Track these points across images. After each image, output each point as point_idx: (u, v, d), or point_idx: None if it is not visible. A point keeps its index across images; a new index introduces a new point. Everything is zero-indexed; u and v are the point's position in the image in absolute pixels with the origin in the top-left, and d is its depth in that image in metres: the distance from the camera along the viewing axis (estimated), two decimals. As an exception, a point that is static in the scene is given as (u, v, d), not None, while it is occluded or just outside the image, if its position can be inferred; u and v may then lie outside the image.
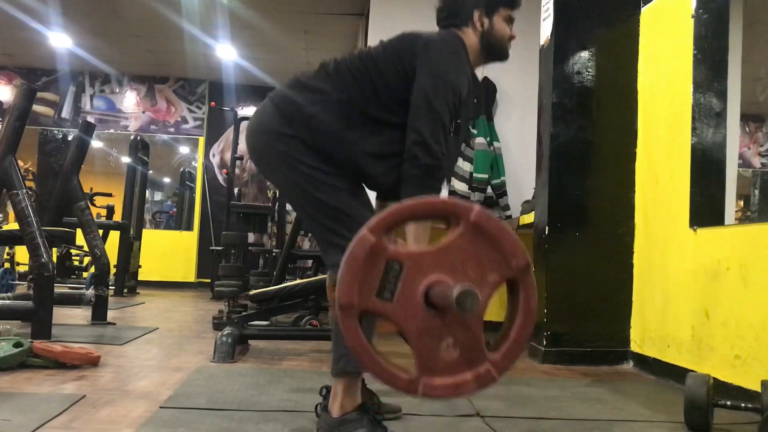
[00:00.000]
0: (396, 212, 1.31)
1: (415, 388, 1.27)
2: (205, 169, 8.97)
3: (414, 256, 1.28)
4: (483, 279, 1.28)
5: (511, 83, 5.01)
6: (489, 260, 1.28)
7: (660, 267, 3.16)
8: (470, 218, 1.27)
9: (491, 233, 1.28)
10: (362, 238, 1.25)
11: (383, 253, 1.25)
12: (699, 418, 2.02)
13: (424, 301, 1.26)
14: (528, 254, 1.30)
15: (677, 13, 3.14)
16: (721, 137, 2.97)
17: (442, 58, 1.80)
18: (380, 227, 1.27)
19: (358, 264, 1.24)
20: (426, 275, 1.26)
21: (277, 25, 6.74)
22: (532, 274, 1.30)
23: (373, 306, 1.25)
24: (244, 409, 2.10)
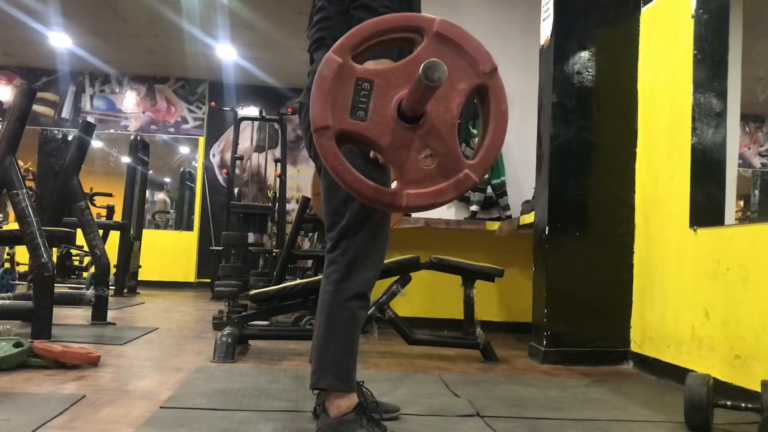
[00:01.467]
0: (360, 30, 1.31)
1: (400, 200, 1.29)
2: (205, 169, 8.97)
3: (383, 73, 1.28)
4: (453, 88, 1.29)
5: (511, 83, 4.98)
6: (456, 69, 1.29)
7: (660, 267, 3.16)
8: (433, 29, 1.28)
9: (455, 41, 1.28)
10: (328, 59, 1.25)
11: (352, 72, 1.26)
12: (699, 418, 2.02)
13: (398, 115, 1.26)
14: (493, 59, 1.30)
15: (677, 13, 3.14)
16: (721, 137, 2.97)
17: None
18: (345, 47, 1.27)
19: (327, 84, 1.24)
20: (396, 90, 1.27)
21: (277, 25, 6.74)
22: (499, 77, 1.31)
23: (348, 125, 1.26)
24: (244, 409, 2.10)
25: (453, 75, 1.28)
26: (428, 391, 2.52)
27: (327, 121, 1.24)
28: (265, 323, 3.79)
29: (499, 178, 4.90)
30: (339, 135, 1.25)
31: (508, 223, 4.35)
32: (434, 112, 1.30)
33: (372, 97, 1.26)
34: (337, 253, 1.75)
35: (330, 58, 1.24)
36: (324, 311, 1.77)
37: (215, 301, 6.43)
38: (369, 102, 1.26)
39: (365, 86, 1.26)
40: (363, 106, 1.26)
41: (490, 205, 4.89)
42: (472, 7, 5.01)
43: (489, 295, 4.58)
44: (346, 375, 1.76)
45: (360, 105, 1.26)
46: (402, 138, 1.27)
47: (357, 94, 1.26)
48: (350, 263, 1.73)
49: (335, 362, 1.75)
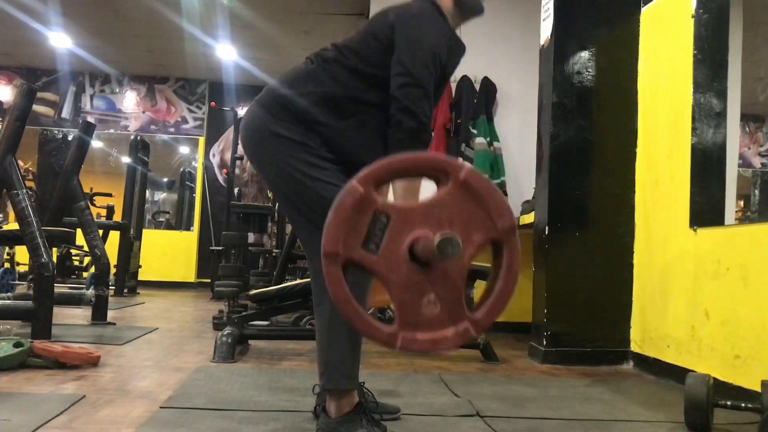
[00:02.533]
0: (386, 165, 1.31)
1: (394, 342, 1.28)
2: (205, 169, 8.97)
3: (401, 210, 1.29)
4: (468, 238, 1.28)
5: (511, 83, 5.01)
6: (475, 219, 1.29)
7: (660, 267, 3.16)
8: (460, 176, 1.28)
9: (479, 192, 1.28)
10: (351, 188, 1.25)
11: (371, 204, 1.26)
12: (699, 418, 2.02)
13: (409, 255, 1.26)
14: (513, 216, 1.30)
15: (677, 13, 3.14)
16: (721, 137, 2.97)
17: (416, 24, 1.80)
18: (369, 179, 1.27)
19: (345, 213, 1.24)
20: (412, 229, 1.27)
21: (277, 25, 6.74)
22: (516, 235, 1.31)
23: (358, 256, 1.26)
24: (244, 409, 2.10)
25: (471, 225, 1.28)
26: (428, 391, 2.52)
27: (338, 248, 1.24)
28: (265, 323, 3.79)
29: (499, 178, 4.90)
30: (346, 263, 1.26)
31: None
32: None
33: (387, 231, 1.26)
34: None
35: (353, 188, 1.24)
36: (323, 313, 1.77)
37: (215, 301, 6.43)
38: (383, 236, 1.26)
39: (382, 219, 1.26)
40: (376, 239, 1.26)
41: (490, 205, 4.89)
42: (472, 7, 5.01)
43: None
44: (350, 373, 1.77)
45: (374, 237, 1.26)
46: (409, 279, 1.27)
47: (373, 225, 1.26)
48: None
49: (342, 360, 1.75)
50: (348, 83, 1.79)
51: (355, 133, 1.78)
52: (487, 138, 4.88)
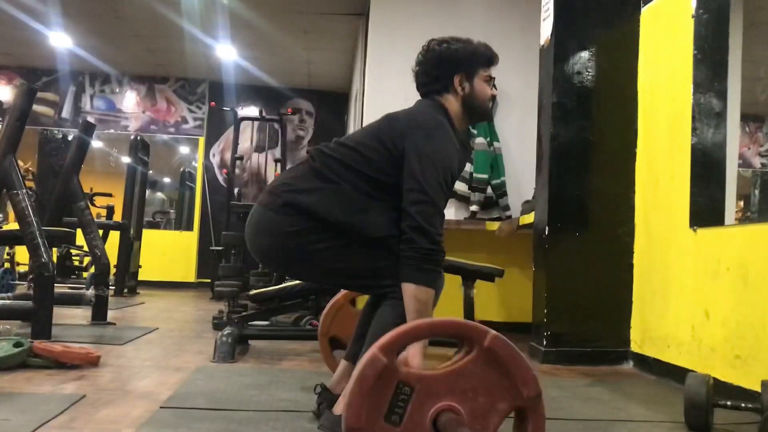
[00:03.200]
0: (409, 332, 1.30)
1: None
2: (205, 169, 8.97)
3: (425, 380, 1.26)
4: (492, 406, 1.26)
5: (511, 83, 5.00)
6: (500, 387, 1.27)
7: (660, 267, 3.16)
8: (484, 344, 1.26)
9: (504, 360, 1.26)
10: (373, 358, 1.23)
11: (394, 374, 1.23)
12: (699, 418, 2.02)
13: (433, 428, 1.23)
14: (538, 383, 1.28)
15: (677, 13, 3.14)
16: (721, 137, 2.97)
17: (427, 137, 1.80)
18: (392, 347, 1.24)
19: (368, 385, 1.22)
20: (436, 401, 1.24)
21: (277, 25, 6.74)
22: (542, 404, 1.28)
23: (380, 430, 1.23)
24: (244, 409, 2.10)
25: (495, 393, 1.26)
26: (428, 391, 2.52)
27: (360, 422, 1.21)
28: (265, 323, 3.79)
29: (499, 178, 4.90)
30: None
31: (508, 223, 4.35)
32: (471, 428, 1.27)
33: (410, 402, 1.24)
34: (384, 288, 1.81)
35: (375, 358, 1.22)
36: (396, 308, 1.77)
37: (215, 301, 6.43)
38: (406, 408, 1.23)
39: (405, 390, 1.24)
40: (399, 411, 1.23)
41: (490, 205, 4.89)
42: (472, 7, 5.02)
43: (489, 295, 4.57)
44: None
45: (396, 409, 1.23)
46: None
47: (395, 397, 1.23)
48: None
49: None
50: (354, 182, 1.80)
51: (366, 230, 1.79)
52: (487, 138, 4.88)
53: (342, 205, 1.78)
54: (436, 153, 1.78)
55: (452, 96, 1.92)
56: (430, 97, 1.94)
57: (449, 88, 1.92)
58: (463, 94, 1.92)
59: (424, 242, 1.71)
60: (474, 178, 4.82)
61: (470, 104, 1.93)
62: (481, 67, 1.94)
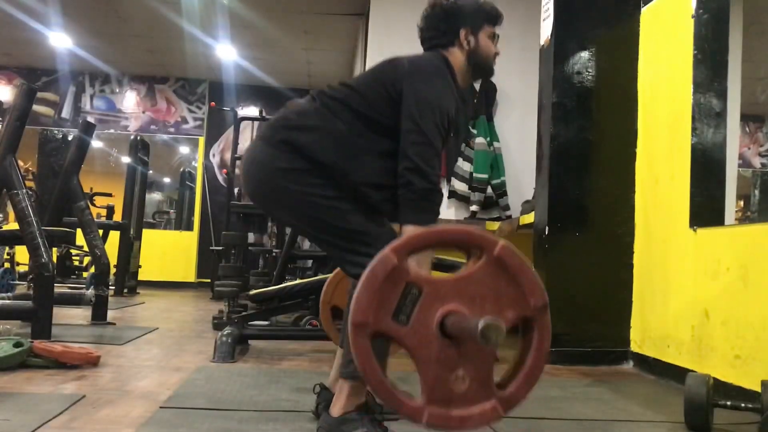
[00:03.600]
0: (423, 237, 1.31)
1: (420, 417, 1.26)
2: (205, 169, 8.97)
3: (434, 284, 1.27)
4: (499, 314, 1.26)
5: (511, 83, 5.01)
6: (507, 296, 1.28)
7: (660, 267, 3.16)
8: (494, 252, 1.27)
9: (513, 269, 1.27)
10: (385, 257, 1.24)
11: (404, 275, 1.24)
12: (699, 418, 2.02)
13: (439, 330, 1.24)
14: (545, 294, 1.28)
15: (677, 13, 3.14)
16: (721, 137, 2.97)
17: (427, 81, 1.80)
18: (404, 249, 1.26)
19: (377, 283, 1.23)
20: (443, 303, 1.25)
21: (277, 25, 6.74)
22: (548, 314, 1.29)
23: (387, 328, 1.24)
24: (244, 409, 2.10)
25: (503, 301, 1.27)
26: (428, 391, 2.52)
27: (368, 318, 1.22)
28: (265, 323, 3.79)
29: (499, 178, 4.90)
30: (375, 333, 1.24)
31: (508, 223, 4.36)
32: None
33: (418, 304, 1.24)
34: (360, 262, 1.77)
35: (386, 258, 1.22)
36: None
37: (215, 301, 6.43)
38: (414, 309, 1.24)
39: (414, 292, 1.24)
40: (407, 311, 1.24)
41: (490, 205, 4.89)
42: (472, 7, 5.01)
43: (489, 295, 4.57)
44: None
45: (404, 309, 1.24)
46: (438, 353, 1.25)
47: (404, 297, 1.24)
48: None
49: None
50: (352, 124, 1.79)
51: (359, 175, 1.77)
52: (487, 138, 4.89)
53: (337, 148, 1.76)
54: (435, 97, 1.78)
55: (457, 49, 1.92)
56: (435, 50, 1.93)
57: (454, 42, 1.92)
58: (468, 49, 1.92)
59: (423, 183, 1.70)
60: (474, 178, 4.82)
61: (475, 59, 1.93)
62: (487, 23, 1.94)
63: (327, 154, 1.75)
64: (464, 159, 4.88)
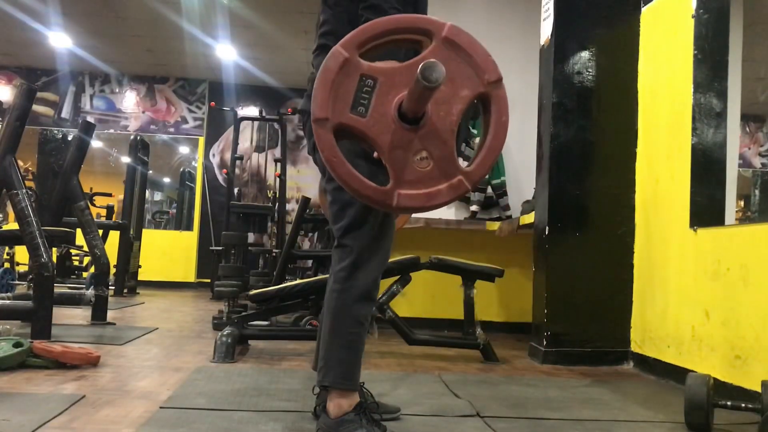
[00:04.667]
0: (370, 28, 1.31)
1: (390, 200, 1.29)
2: (205, 169, 8.97)
3: (387, 72, 1.28)
4: (455, 94, 1.29)
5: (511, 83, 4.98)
6: (461, 75, 1.29)
7: (660, 267, 3.16)
8: (442, 33, 1.28)
9: (463, 48, 1.28)
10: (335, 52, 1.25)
11: (357, 68, 1.26)
12: (699, 418, 2.02)
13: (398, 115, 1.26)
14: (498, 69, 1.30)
15: (677, 13, 3.14)
16: (722, 137, 2.97)
17: None
18: (353, 43, 1.27)
19: (331, 77, 1.24)
20: (399, 90, 1.27)
21: (277, 25, 6.74)
22: (503, 87, 1.30)
23: (347, 120, 1.26)
24: (244, 409, 2.10)
25: (457, 81, 1.28)
26: (428, 391, 2.52)
27: (327, 113, 1.24)
28: (265, 323, 3.79)
29: (499, 178, 4.90)
30: (337, 128, 1.26)
31: (508, 223, 4.35)
32: (435, 115, 1.30)
33: (374, 94, 1.26)
34: (343, 250, 1.76)
35: (337, 52, 1.24)
36: (330, 311, 1.77)
37: (215, 301, 6.43)
38: (371, 99, 1.26)
39: (368, 83, 1.26)
40: (364, 103, 1.26)
41: (490, 205, 4.89)
42: (472, 6, 5.01)
43: (489, 295, 4.57)
44: (350, 374, 1.76)
45: (361, 101, 1.26)
46: (400, 138, 1.27)
47: (360, 89, 1.26)
48: (355, 261, 1.73)
49: (339, 361, 1.75)
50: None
51: None
52: (487, 138, 4.88)
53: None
54: None
55: None
56: None
57: None
58: None
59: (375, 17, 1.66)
60: (474, 178, 4.82)
61: None
62: None
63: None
64: (464, 159, 4.88)
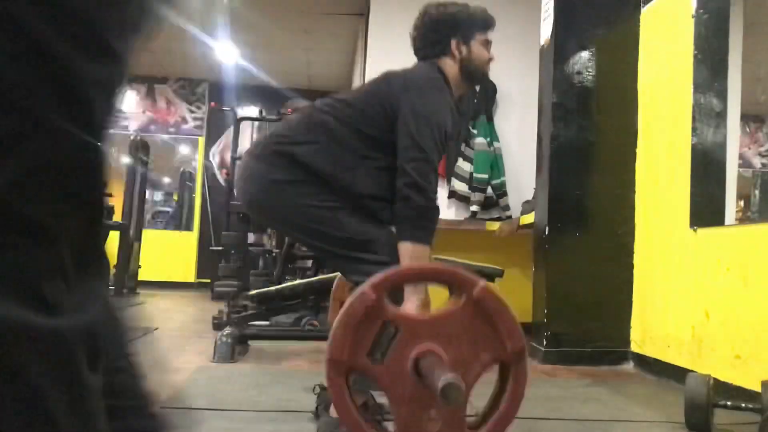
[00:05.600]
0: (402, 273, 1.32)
1: None
2: (205, 169, 8.97)
3: (411, 322, 1.27)
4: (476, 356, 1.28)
5: (511, 83, 5.01)
6: (485, 338, 1.28)
7: (660, 267, 3.16)
8: (473, 293, 1.27)
9: (492, 311, 1.27)
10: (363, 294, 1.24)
11: (382, 313, 1.25)
12: (699, 418, 2.02)
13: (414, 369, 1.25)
14: (524, 339, 1.28)
15: (677, 13, 3.14)
16: (722, 137, 2.97)
17: (423, 96, 1.80)
18: (383, 285, 1.26)
19: (355, 320, 1.23)
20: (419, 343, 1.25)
21: (277, 25, 6.74)
22: (526, 359, 1.29)
23: (363, 365, 1.25)
24: (244, 409, 2.10)
25: (479, 345, 1.27)
26: (428, 391, 2.52)
27: (343, 355, 1.23)
28: (265, 323, 3.79)
29: (499, 179, 4.90)
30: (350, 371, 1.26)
31: (508, 223, 4.36)
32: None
33: (394, 342, 1.25)
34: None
35: (365, 294, 1.23)
36: None
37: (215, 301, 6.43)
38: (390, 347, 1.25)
39: (390, 329, 1.25)
40: (383, 349, 1.25)
41: (490, 205, 4.89)
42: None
43: (489, 295, 4.57)
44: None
45: (380, 347, 1.25)
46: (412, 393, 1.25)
47: (380, 335, 1.25)
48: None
49: None
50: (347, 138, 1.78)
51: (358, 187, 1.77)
52: (487, 138, 4.88)
53: (333, 160, 1.76)
54: (432, 112, 1.79)
55: (450, 59, 1.92)
56: (429, 60, 1.93)
57: (447, 52, 1.92)
58: (460, 57, 1.92)
59: (421, 199, 1.72)
60: (474, 179, 4.82)
61: (468, 68, 1.93)
62: (479, 30, 1.94)
63: (324, 165, 1.76)
64: (464, 159, 4.88)
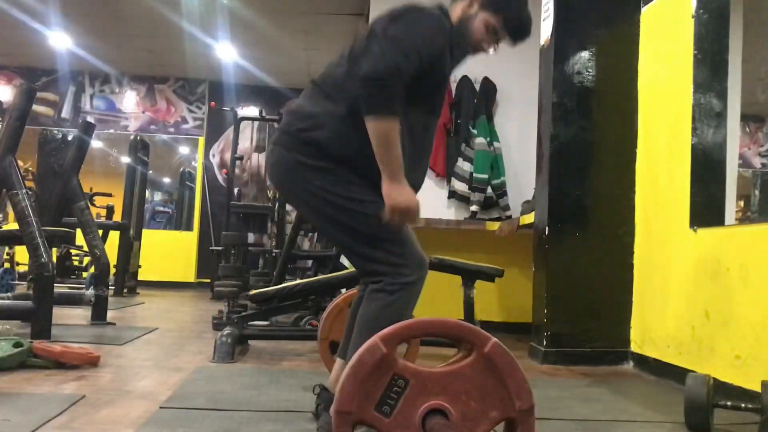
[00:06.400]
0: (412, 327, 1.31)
1: None
2: (205, 169, 8.96)
3: (420, 376, 1.27)
4: (484, 413, 1.27)
5: (511, 83, 5.01)
6: (493, 395, 1.28)
7: (660, 267, 3.16)
8: (484, 350, 1.27)
9: (501, 368, 1.27)
10: (373, 346, 1.24)
11: (392, 366, 1.25)
12: (699, 418, 2.02)
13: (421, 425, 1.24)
14: (532, 397, 1.28)
15: (677, 13, 3.14)
16: (722, 137, 2.97)
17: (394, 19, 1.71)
18: (394, 339, 1.26)
19: (364, 372, 1.23)
20: (428, 398, 1.25)
21: (277, 25, 6.74)
22: (533, 417, 1.28)
23: (370, 418, 1.24)
24: (244, 409, 2.10)
25: (488, 401, 1.27)
26: (428, 391, 2.52)
27: (351, 407, 1.23)
28: (265, 323, 3.79)
29: (499, 178, 4.90)
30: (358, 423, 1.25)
31: (508, 223, 4.35)
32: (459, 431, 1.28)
33: (403, 396, 1.24)
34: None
35: (375, 346, 1.23)
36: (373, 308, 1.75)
37: (215, 301, 6.43)
38: (398, 400, 1.24)
39: (399, 383, 1.25)
40: (391, 402, 1.24)
41: (490, 205, 4.89)
42: (472, 7, 5.01)
43: (489, 295, 4.57)
44: None
45: (389, 401, 1.24)
46: None
47: (389, 388, 1.24)
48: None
49: None
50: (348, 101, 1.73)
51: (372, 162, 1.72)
52: (487, 138, 4.88)
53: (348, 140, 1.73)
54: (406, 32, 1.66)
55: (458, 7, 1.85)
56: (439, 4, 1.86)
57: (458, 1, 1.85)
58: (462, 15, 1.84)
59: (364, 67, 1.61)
60: (474, 179, 4.82)
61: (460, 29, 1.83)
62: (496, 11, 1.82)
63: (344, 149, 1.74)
64: (464, 159, 4.88)
